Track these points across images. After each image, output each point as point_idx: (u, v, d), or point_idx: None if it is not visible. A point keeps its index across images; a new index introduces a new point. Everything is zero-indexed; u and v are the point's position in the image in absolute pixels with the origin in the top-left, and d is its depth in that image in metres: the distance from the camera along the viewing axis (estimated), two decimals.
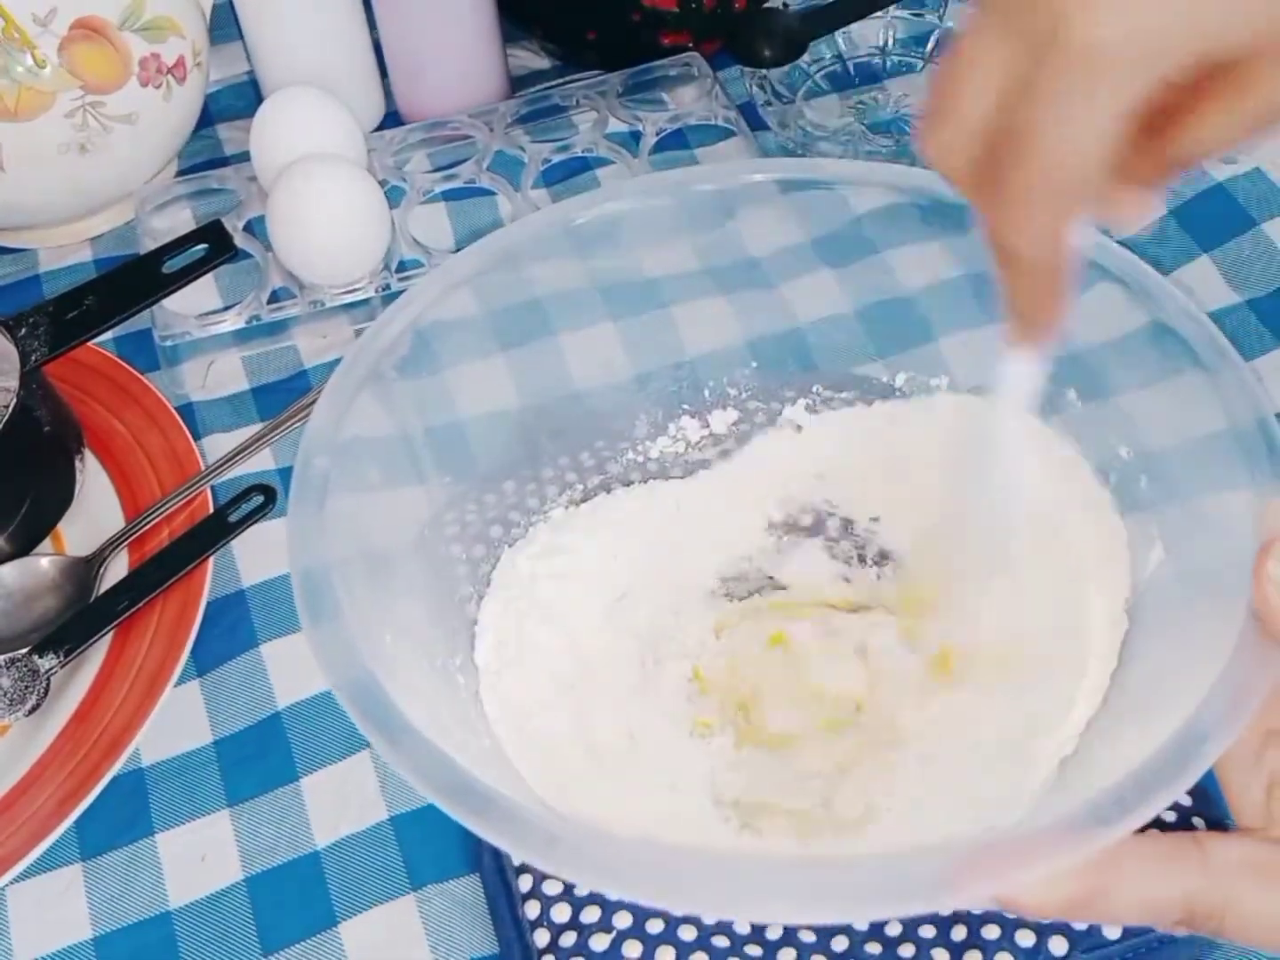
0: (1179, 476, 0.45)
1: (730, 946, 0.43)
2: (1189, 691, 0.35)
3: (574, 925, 0.44)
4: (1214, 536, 0.43)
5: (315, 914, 0.48)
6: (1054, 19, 0.32)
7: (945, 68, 0.35)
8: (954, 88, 0.34)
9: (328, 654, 0.38)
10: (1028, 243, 0.34)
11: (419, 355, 0.47)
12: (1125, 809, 0.33)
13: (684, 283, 0.54)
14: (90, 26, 0.65)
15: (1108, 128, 0.32)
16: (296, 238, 0.64)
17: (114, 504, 0.59)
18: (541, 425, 0.53)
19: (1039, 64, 0.32)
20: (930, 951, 0.43)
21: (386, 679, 0.37)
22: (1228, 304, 0.63)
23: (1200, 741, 0.34)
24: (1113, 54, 0.31)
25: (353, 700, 0.37)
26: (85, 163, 0.68)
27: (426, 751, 0.36)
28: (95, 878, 0.49)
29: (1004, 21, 0.33)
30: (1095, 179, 0.33)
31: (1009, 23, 0.33)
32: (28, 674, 0.52)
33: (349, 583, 0.40)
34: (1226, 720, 0.34)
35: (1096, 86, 0.31)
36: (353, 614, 0.39)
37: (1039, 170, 0.33)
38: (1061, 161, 0.32)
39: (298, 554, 0.40)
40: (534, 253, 0.50)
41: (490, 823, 0.34)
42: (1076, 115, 0.32)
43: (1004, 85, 0.33)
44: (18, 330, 0.56)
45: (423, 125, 0.74)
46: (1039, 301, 0.36)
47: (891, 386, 0.54)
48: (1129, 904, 0.34)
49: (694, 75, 0.75)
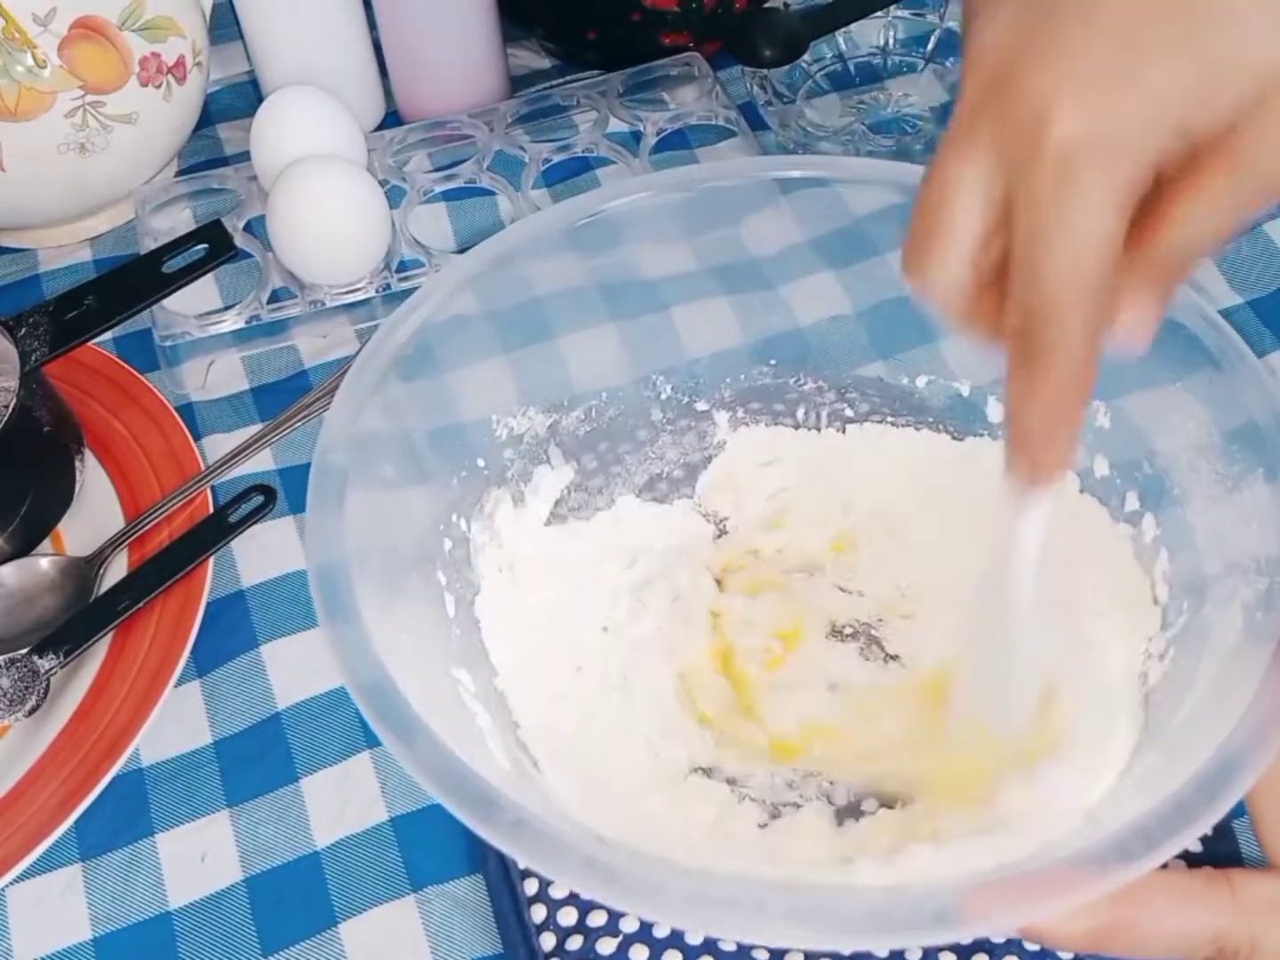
0: (1193, 478, 0.45)
1: (736, 952, 0.43)
2: (1216, 723, 0.35)
3: (580, 929, 0.44)
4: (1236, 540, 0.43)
5: (315, 914, 0.48)
6: (1025, 122, 0.31)
7: (925, 189, 0.33)
8: (939, 209, 0.33)
9: (345, 651, 0.38)
10: (1067, 346, 0.32)
11: (436, 350, 0.48)
12: (1150, 844, 0.32)
13: (686, 283, 0.54)
14: (90, 26, 0.65)
15: (1107, 228, 0.31)
16: (296, 237, 0.64)
17: (114, 504, 0.59)
18: (548, 424, 0.53)
19: (1023, 172, 0.31)
20: (938, 955, 0.43)
21: (400, 677, 0.37)
22: (1229, 304, 0.63)
23: (1226, 776, 0.33)
24: (1086, 154, 0.30)
25: (367, 699, 0.37)
26: (85, 162, 0.68)
27: (439, 754, 0.36)
28: (95, 878, 0.49)
29: (978, 129, 0.32)
30: (1108, 284, 0.31)
31: (983, 129, 0.32)
32: (28, 674, 0.52)
33: (365, 580, 0.40)
34: (1253, 755, 0.34)
35: (1084, 188, 0.30)
36: (368, 611, 0.39)
37: (1057, 279, 0.31)
38: (1073, 267, 0.31)
39: (315, 550, 0.40)
40: (537, 253, 0.50)
41: (502, 832, 0.34)
42: (1073, 219, 0.31)
43: (991, 200, 0.32)
44: (18, 330, 0.56)
45: (423, 125, 0.74)
46: (1062, 419, 0.33)
47: (892, 385, 0.54)
48: (1158, 938, 0.34)
49: (694, 75, 0.75)
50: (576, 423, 0.54)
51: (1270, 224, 0.66)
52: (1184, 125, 0.31)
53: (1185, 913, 0.34)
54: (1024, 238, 0.31)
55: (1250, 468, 0.42)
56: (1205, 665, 0.40)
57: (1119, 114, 0.30)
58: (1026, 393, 0.33)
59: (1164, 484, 0.46)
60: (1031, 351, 0.32)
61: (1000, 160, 0.32)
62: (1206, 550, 0.44)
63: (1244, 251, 0.65)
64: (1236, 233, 0.33)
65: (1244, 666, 0.37)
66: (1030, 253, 0.31)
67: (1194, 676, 0.41)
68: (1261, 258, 0.65)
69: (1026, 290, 0.32)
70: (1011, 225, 0.32)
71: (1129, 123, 0.30)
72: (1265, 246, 0.65)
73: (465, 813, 0.34)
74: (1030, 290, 0.31)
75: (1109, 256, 0.31)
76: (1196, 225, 0.32)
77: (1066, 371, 0.32)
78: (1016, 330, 0.32)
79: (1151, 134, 0.30)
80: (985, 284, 0.33)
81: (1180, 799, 0.33)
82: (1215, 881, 0.35)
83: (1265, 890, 0.35)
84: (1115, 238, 0.31)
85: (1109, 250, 0.31)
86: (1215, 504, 0.43)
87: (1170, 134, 0.31)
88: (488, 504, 0.51)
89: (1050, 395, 0.32)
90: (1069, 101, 0.30)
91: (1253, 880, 0.35)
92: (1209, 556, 0.44)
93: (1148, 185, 0.31)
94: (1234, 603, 0.41)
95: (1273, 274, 0.64)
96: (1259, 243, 0.66)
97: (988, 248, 0.33)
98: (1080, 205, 0.30)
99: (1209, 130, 0.31)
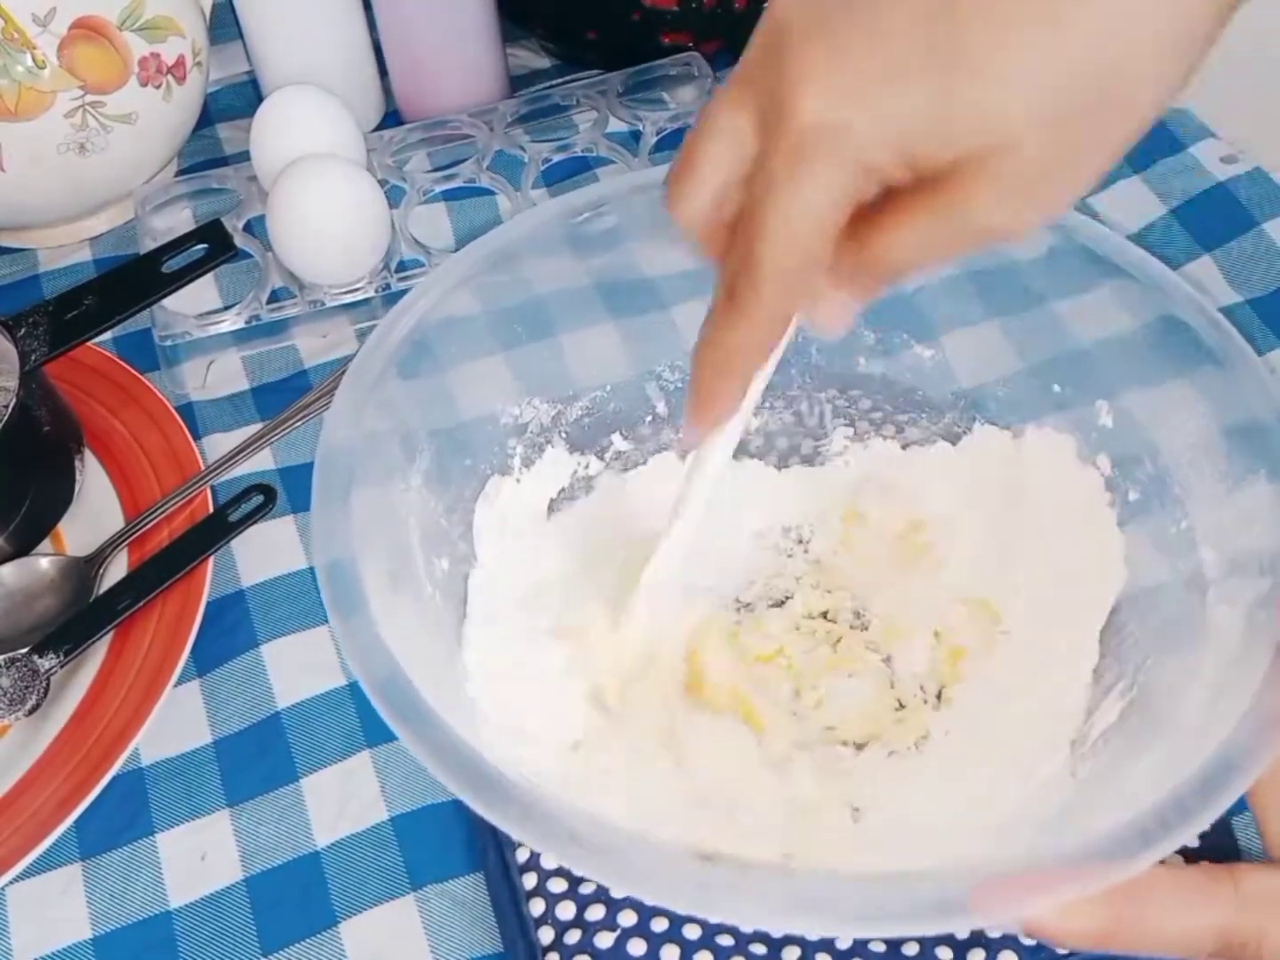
0: (1195, 476, 0.45)
1: (734, 945, 0.43)
2: (1219, 719, 0.35)
3: (578, 923, 0.44)
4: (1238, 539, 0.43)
5: (315, 914, 0.48)
6: (780, 93, 0.33)
7: (694, 127, 0.36)
8: (697, 149, 0.35)
9: (356, 646, 0.38)
10: (759, 304, 0.34)
11: (439, 346, 0.48)
12: (1151, 840, 0.32)
13: (686, 281, 0.54)
14: (90, 26, 0.65)
15: (822, 214, 0.33)
16: (296, 237, 0.63)
17: (114, 504, 0.59)
18: (553, 415, 0.53)
19: (766, 142, 0.33)
20: (934, 950, 0.43)
21: (412, 671, 0.38)
22: (1229, 304, 0.63)
23: (1227, 772, 0.34)
24: (816, 137, 0.32)
25: (382, 696, 0.37)
26: (85, 162, 0.68)
27: (456, 748, 0.36)
28: (95, 877, 0.49)
29: (747, 87, 0.34)
30: (814, 263, 0.34)
31: (750, 89, 0.34)
32: (28, 674, 0.52)
33: (373, 576, 0.40)
34: (1255, 751, 0.34)
35: (804, 170, 0.32)
36: (378, 607, 0.39)
37: (768, 245, 0.33)
38: (785, 239, 0.33)
39: (322, 548, 0.40)
40: (535, 248, 0.50)
41: (525, 826, 0.34)
42: (794, 197, 0.33)
43: (739, 157, 0.34)
44: (17, 330, 0.56)
45: (422, 125, 0.74)
46: (732, 369, 0.36)
47: (893, 383, 0.54)
48: (1162, 935, 0.34)
49: (694, 75, 0.75)
50: (581, 412, 0.54)
51: (1271, 223, 0.66)
52: (909, 149, 0.32)
53: (1189, 908, 0.34)
54: (752, 195, 0.34)
55: (1252, 467, 0.42)
56: (1208, 664, 0.40)
57: (857, 116, 0.32)
58: (713, 333, 0.36)
59: (1166, 482, 0.46)
60: (730, 299, 0.35)
61: (756, 121, 0.34)
62: (1207, 549, 0.44)
63: (1245, 251, 0.65)
64: (944, 265, 0.36)
65: (1247, 666, 0.37)
66: (752, 213, 0.34)
67: (1190, 659, 0.42)
68: (1262, 257, 0.65)
69: (741, 244, 0.34)
70: (749, 181, 0.34)
71: (862, 127, 0.32)
72: (1265, 246, 0.65)
73: (492, 811, 0.35)
74: (743, 246, 0.34)
75: (816, 239, 0.33)
76: (900, 250, 0.34)
77: (750, 327, 0.35)
78: (727, 274, 0.35)
79: (878, 145, 0.32)
80: (727, 222, 0.36)
81: (1182, 795, 0.33)
82: (1218, 876, 0.35)
83: (1270, 883, 0.35)
84: (826, 225, 0.33)
85: (817, 234, 0.33)
86: (1217, 503, 0.44)
87: (895, 151, 0.32)
88: (491, 492, 0.51)
89: (730, 343, 0.36)
90: (821, 89, 0.32)
91: (1257, 874, 0.35)
92: (1210, 556, 0.44)
93: (872, 191, 0.33)
94: (1237, 602, 0.41)
95: (1273, 274, 0.64)
96: (1259, 243, 0.66)
97: (732, 191, 0.35)
98: (800, 187, 0.32)
99: (931, 165, 0.32)
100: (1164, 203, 0.68)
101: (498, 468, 0.52)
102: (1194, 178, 0.69)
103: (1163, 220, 0.67)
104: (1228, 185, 0.68)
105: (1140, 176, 0.69)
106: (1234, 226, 0.66)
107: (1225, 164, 0.69)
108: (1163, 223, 0.67)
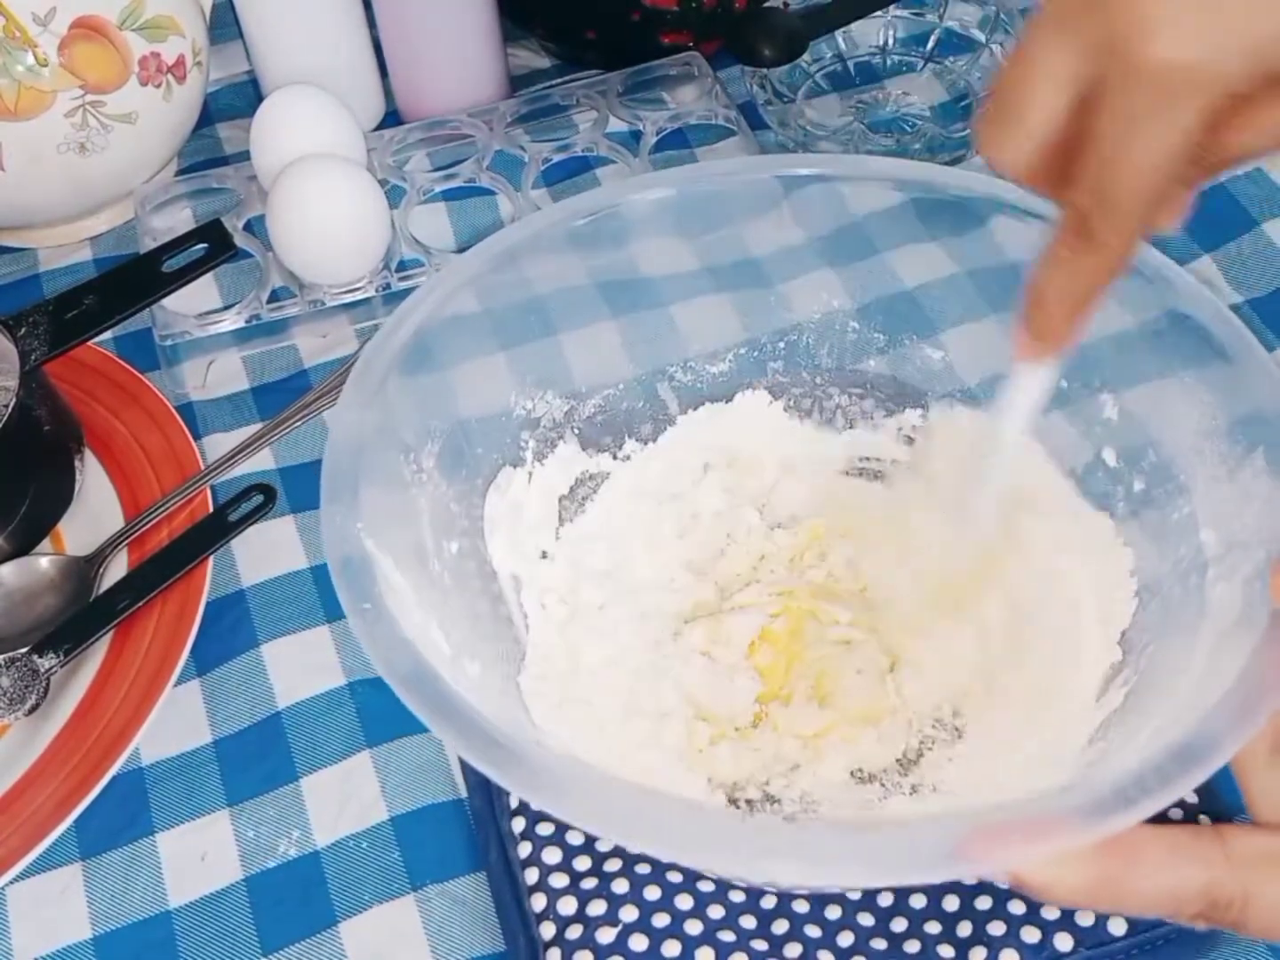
0: (1198, 462, 0.45)
1: (735, 941, 0.43)
2: (1211, 689, 0.36)
3: (580, 918, 0.44)
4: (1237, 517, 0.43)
5: (315, 914, 0.48)
6: (1121, 36, 0.33)
7: (1008, 72, 0.36)
8: (1019, 94, 0.35)
9: (373, 642, 0.38)
10: (1111, 239, 0.35)
11: (443, 346, 0.48)
12: (1129, 800, 0.33)
13: (687, 281, 0.54)
14: (90, 25, 0.65)
15: (1178, 143, 0.33)
16: (296, 237, 0.63)
17: (114, 503, 0.59)
18: (565, 410, 0.54)
19: (1108, 79, 0.33)
20: (936, 948, 0.43)
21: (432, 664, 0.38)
22: (1229, 304, 0.63)
23: (1214, 737, 0.34)
24: (1182, 75, 0.32)
25: (407, 686, 0.37)
26: (85, 162, 0.68)
27: (481, 727, 0.36)
28: (95, 877, 0.49)
29: (1068, 30, 0.34)
30: (1167, 188, 0.34)
31: (1074, 32, 0.34)
32: (27, 673, 0.52)
33: (385, 571, 0.40)
34: (1241, 717, 0.34)
35: (1167, 107, 0.33)
36: (391, 602, 0.39)
37: (1130, 184, 0.34)
38: (1149, 176, 0.34)
39: (333, 544, 0.40)
40: (539, 250, 0.50)
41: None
42: (1149, 133, 0.33)
43: (1071, 95, 0.34)
44: (17, 330, 0.56)
45: (422, 124, 0.74)
46: (1085, 296, 0.37)
47: (895, 380, 0.54)
48: (1148, 893, 0.34)
49: (694, 75, 0.75)
50: (594, 410, 0.54)
51: (1271, 223, 0.66)
52: (1270, 67, 0.32)
53: (1175, 866, 0.34)
54: (1108, 139, 0.34)
55: (1251, 446, 0.42)
56: (1205, 639, 0.41)
57: (1214, 44, 0.32)
58: (1066, 262, 0.36)
59: (1170, 471, 0.47)
60: (1087, 230, 0.35)
61: (1088, 59, 0.34)
62: (1207, 531, 0.44)
63: (1245, 251, 0.65)
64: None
65: (1242, 635, 0.37)
66: (1113, 154, 0.34)
67: (1183, 633, 0.42)
68: (1262, 258, 0.65)
69: (1099, 182, 0.34)
70: (1094, 121, 0.34)
71: (1222, 53, 0.32)
72: (1266, 246, 0.65)
73: (528, 791, 0.35)
74: (1102, 184, 0.34)
75: (1178, 170, 0.34)
76: (1250, 145, 0.35)
77: (1109, 257, 0.36)
78: (1081, 209, 0.35)
79: (1241, 73, 0.32)
80: (1050, 150, 0.36)
81: (1172, 754, 0.34)
82: (1205, 835, 0.35)
83: (1256, 843, 0.35)
84: (1184, 156, 0.34)
85: (1180, 164, 0.34)
86: (1218, 485, 0.44)
87: (1256, 75, 0.33)
88: (502, 483, 0.51)
89: (1088, 273, 0.36)
90: (1169, 24, 0.32)
91: (1244, 833, 0.35)
92: (1210, 537, 0.44)
93: (1223, 106, 0.33)
94: (1234, 578, 0.41)
95: (1273, 274, 0.64)
96: (1259, 243, 0.66)
97: (1058, 131, 0.35)
98: (1161, 126, 0.33)
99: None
100: None
101: (509, 459, 0.52)
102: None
103: None
104: (1227, 185, 0.68)
105: None
106: (1234, 227, 0.66)
107: None
108: None
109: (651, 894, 0.44)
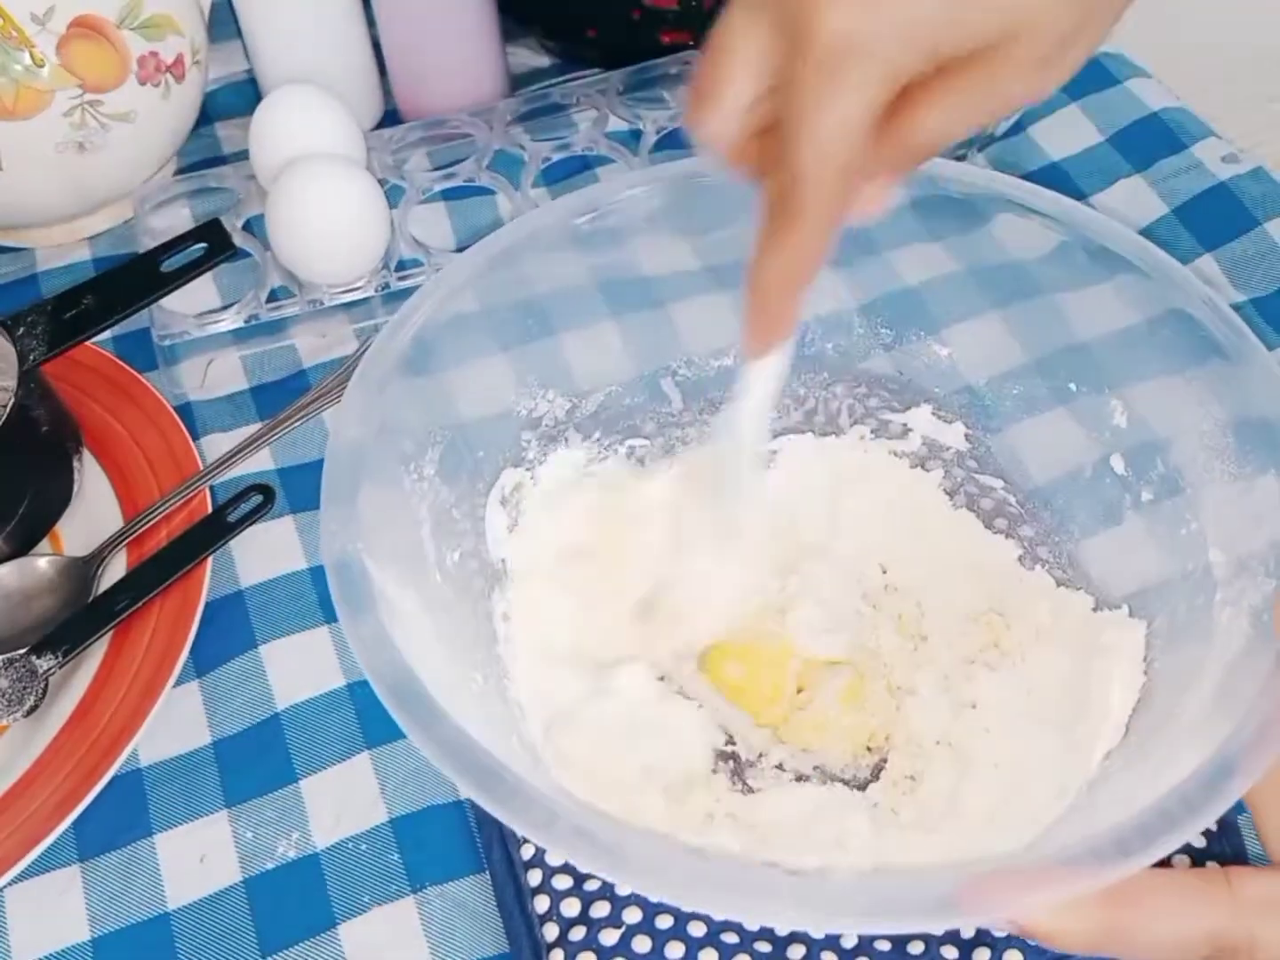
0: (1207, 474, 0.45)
1: (739, 943, 0.43)
2: (1220, 724, 0.35)
3: (583, 920, 0.44)
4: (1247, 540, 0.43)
5: (315, 915, 0.47)
6: (796, 12, 0.34)
7: (708, 55, 0.37)
8: (715, 73, 0.37)
9: (364, 645, 0.38)
10: (807, 209, 0.36)
11: (443, 348, 0.48)
12: (1147, 841, 0.32)
13: (688, 279, 0.54)
14: (88, 25, 0.65)
15: (855, 114, 0.35)
16: (295, 236, 0.63)
17: (112, 504, 0.59)
18: (567, 408, 0.54)
19: (793, 55, 0.35)
20: (940, 949, 0.43)
21: (420, 670, 0.38)
22: (1231, 303, 0.63)
23: (1225, 775, 0.33)
24: (845, 45, 0.34)
25: (391, 693, 0.37)
26: (83, 161, 0.68)
27: (466, 746, 0.36)
28: (94, 878, 0.49)
29: (755, 9, 0.36)
30: (854, 166, 0.36)
31: (760, 10, 0.36)
32: (26, 674, 0.51)
33: (381, 574, 0.40)
34: (1252, 755, 0.34)
35: (839, 76, 0.34)
36: (385, 605, 0.39)
37: (810, 157, 0.35)
38: (827, 149, 0.35)
39: (331, 546, 0.40)
40: (540, 249, 0.50)
41: (549, 834, 0.34)
42: (826, 103, 0.34)
43: (763, 74, 0.36)
44: (16, 330, 0.55)
45: (422, 124, 0.74)
46: (796, 276, 0.38)
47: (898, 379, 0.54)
48: (1156, 940, 0.34)
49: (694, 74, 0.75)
50: (596, 407, 0.54)
51: (1273, 223, 0.66)
52: (934, 48, 0.35)
53: (1183, 911, 0.34)
54: (789, 114, 0.35)
55: (1263, 468, 0.42)
56: (1211, 665, 0.40)
57: (881, 25, 0.34)
58: (772, 246, 0.37)
59: (1178, 483, 0.46)
60: (779, 215, 0.37)
61: (775, 38, 0.36)
62: (1216, 551, 0.44)
63: (1247, 251, 0.65)
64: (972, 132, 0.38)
65: (1250, 669, 0.37)
66: (794, 128, 0.35)
67: (1197, 673, 0.41)
68: (1264, 257, 0.65)
69: (788, 155, 0.36)
70: (782, 98, 0.36)
71: (887, 32, 0.34)
72: (1267, 246, 0.65)
73: (506, 812, 0.35)
74: (790, 159, 0.36)
75: (857, 141, 0.35)
76: (931, 130, 0.36)
77: (810, 230, 0.36)
78: (777, 189, 0.37)
79: (905, 50, 0.34)
80: (752, 135, 0.38)
81: (1179, 796, 0.33)
82: (1213, 880, 0.35)
83: (1264, 888, 0.35)
84: (864, 125, 0.35)
85: (858, 136, 0.35)
86: (1228, 504, 0.44)
87: (920, 51, 0.35)
88: (505, 483, 0.51)
89: (792, 250, 0.37)
90: (842, 2, 0.34)
91: (1251, 878, 0.35)
92: (1219, 558, 0.43)
93: (898, 88, 0.35)
94: (1241, 603, 0.41)
95: (1275, 273, 0.64)
96: (1261, 242, 0.65)
97: (757, 108, 0.37)
98: (837, 95, 0.34)
99: (953, 55, 0.35)
100: (1166, 202, 0.68)
101: (511, 460, 0.52)
102: (1195, 177, 0.68)
103: (1164, 220, 0.67)
104: (1229, 185, 0.68)
105: (1142, 176, 0.69)
106: (1235, 226, 0.66)
107: (1226, 163, 0.69)
108: (1164, 222, 0.67)
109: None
